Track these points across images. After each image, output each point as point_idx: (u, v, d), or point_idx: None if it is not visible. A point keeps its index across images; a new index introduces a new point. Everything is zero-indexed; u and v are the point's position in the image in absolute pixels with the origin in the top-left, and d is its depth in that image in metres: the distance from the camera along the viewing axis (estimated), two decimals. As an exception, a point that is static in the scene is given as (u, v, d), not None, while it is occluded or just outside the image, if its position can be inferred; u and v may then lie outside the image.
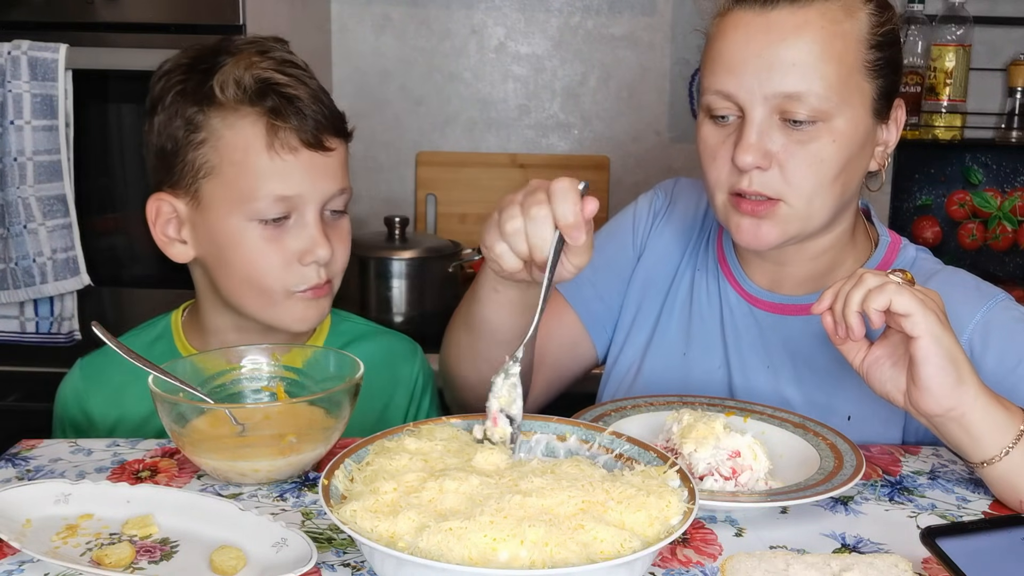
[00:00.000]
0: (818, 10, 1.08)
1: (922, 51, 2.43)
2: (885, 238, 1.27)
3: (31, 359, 1.95)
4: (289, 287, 1.18)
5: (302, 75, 1.18)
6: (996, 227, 2.54)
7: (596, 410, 1.12)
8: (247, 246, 1.16)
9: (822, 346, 1.22)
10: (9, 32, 1.83)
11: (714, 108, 1.12)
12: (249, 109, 1.14)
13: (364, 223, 2.57)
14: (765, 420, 1.10)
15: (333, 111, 1.20)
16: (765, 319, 1.25)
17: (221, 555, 0.82)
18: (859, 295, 0.96)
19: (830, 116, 1.08)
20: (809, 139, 1.09)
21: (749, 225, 1.13)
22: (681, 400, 1.16)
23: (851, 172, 1.13)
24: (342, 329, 1.34)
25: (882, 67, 1.12)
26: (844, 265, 1.24)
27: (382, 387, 1.31)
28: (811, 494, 0.91)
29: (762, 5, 1.09)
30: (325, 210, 1.19)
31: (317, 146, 1.16)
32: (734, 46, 1.10)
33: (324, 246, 1.17)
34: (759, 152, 1.09)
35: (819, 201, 1.12)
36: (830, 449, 1.02)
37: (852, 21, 1.09)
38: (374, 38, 2.55)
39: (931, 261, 1.26)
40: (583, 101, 2.58)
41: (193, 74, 1.16)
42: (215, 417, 0.98)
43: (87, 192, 1.92)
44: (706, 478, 0.96)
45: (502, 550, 0.72)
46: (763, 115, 1.09)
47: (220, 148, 1.14)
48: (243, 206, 1.14)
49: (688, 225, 1.36)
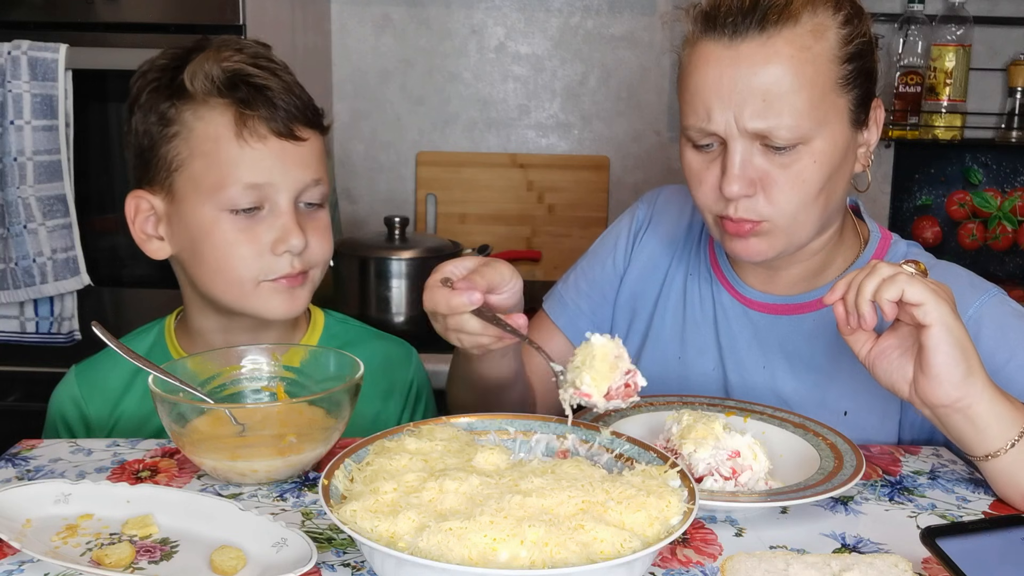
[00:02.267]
0: (786, 39, 1.07)
1: (922, 51, 2.43)
2: (876, 234, 1.28)
3: (31, 359, 1.95)
4: (261, 277, 1.16)
5: (276, 68, 1.18)
6: (996, 227, 2.54)
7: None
8: (219, 237, 1.15)
9: (817, 343, 1.23)
10: (9, 32, 1.82)
11: (695, 140, 1.14)
12: (218, 100, 1.14)
13: (364, 223, 2.57)
14: (765, 420, 1.10)
15: (307, 103, 1.19)
16: (760, 319, 1.26)
17: (221, 555, 0.82)
18: (872, 285, 0.96)
19: (809, 139, 1.09)
20: (791, 162, 1.10)
21: (740, 245, 1.16)
22: (681, 400, 1.16)
23: (835, 183, 1.14)
24: (335, 332, 1.33)
25: (855, 78, 1.12)
26: (835, 263, 1.25)
27: (376, 392, 1.30)
28: (811, 494, 0.91)
29: (730, 38, 1.08)
30: (300, 202, 1.18)
31: (288, 135, 1.15)
32: (707, 82, 1.10)
33: (297, 235, 1.16)
34: (744, 181, 1.10)
35: (803, 217, 1.13)
36: (830, 449, 1.02)
37: (821, 43, 1.09)
38: (374, 38, 2.55)
39: (923, 256, 1.26)
40: (583, 101, 2.58)
41: (167, 72, 1.17)
42: (215, 417, 0.98)
43: (87, 192, 1.92)
44: (706, 478, 0.96)
45: (502, 550, 0.72)
46: (744, 145, 1.10)
47: (191, 140, 1.15)
48: (214, 196, 1.14)
49: (675, 232, 1.37)
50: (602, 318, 1.39)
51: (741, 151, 1.09)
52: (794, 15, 1.08)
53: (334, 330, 1.34)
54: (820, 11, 1.09)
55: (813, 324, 1.24)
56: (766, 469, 0.97)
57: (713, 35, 1.10)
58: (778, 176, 1.10)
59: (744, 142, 1.09)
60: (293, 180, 1.16)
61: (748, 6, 1.08)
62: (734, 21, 1.08)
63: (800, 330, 1.24)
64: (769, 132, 1.08)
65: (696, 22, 1.12)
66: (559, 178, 2.58)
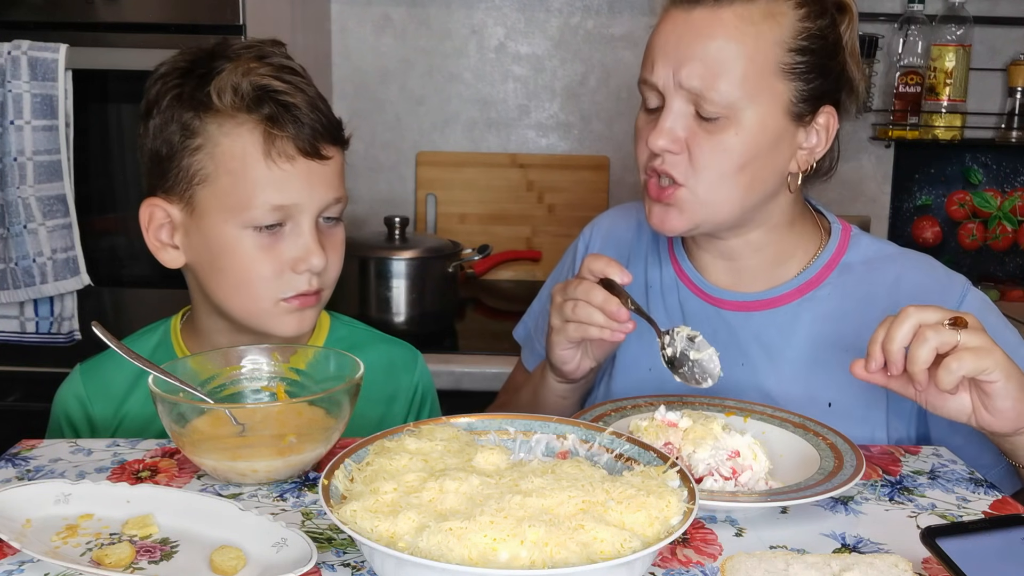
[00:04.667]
0: (735, 11, 1.14)
1: (922, 51, 2.43)
2: (836, 226, 1.30)
3: (31, 359, 1.95)
4: (280, 295, 1.17)
5: (299, 81, 1.17)
6: (996, 227, 2.54)
7: (596, 410, 1.12)
8: (241, 254, 1.15)
9: (792, 337, 1.25)
10: (9, 32, 1.82)
11: (645, 99, 1.20)
12: (246, 116, 1.13)
13: (364, 223, 2.57)
14: (765, 420, 1.10)
15: (330, 118, 1.18)
16: (732, 317, 1.27)
17: (221, 555, 0.82)
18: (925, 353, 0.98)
19: (736, 111, 1.14)
20: (716, 130, 1.15)
21: (658, 211, 1.20)
22: (681, 400, 1.16)
23: (760, 168, 1.17)
24: (341, 335, 1.33)
25: (803, 71, 1.15)
26: (794, 256, 1.28)
27: (380, 396, 1.30)
28: (811, 494, 0.91)
29: (689, 4, 1.16)
30: (320, 218, 1.18)
31: (314, 154, 1.15)
32: (659, 39, 1.18)
33: (319, 255, 1.16)
34: (670, 137, 1.16)
35: (724, 191, 1.17)
36: (830, 449, 1.02)
37: (770, 23, 1.14)
38: (374, 38, 2.55)
39: (888, 245, 1.30)
40: (583, 101, 2.58)
41: (190, 78, 1.15)
42: (215, 417, 0.98)
43: (87, 192, 1.92)
44: (706, 478, 0.95)
45: (502, 550, 0.72)
46: (679, 106, 1.16)
47: (216, 155, 1.13)
48: (239, 214, 1.13)
49: (626, 249, 1.39)
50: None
51: (675, 109, 1.16)
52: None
53: (340, 332, 1.34)
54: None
55: (785, 318, 1.25)
56: (766, 469, 0.97)
57: (678, 3, 1.18)
58: (702, 140, 1.15)
59: (679, 102, 1.15)
60: (318, 199, 1.16)
61: None
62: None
63: (774, 324, 1.25)
64: (700, 93, 1.13)
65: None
66: (559, 178, 2.58)
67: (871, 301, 1.23)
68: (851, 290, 1.25)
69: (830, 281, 1.26)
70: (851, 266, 1.27)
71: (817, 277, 1.26)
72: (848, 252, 1.27)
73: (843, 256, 1.27)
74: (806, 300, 1.25)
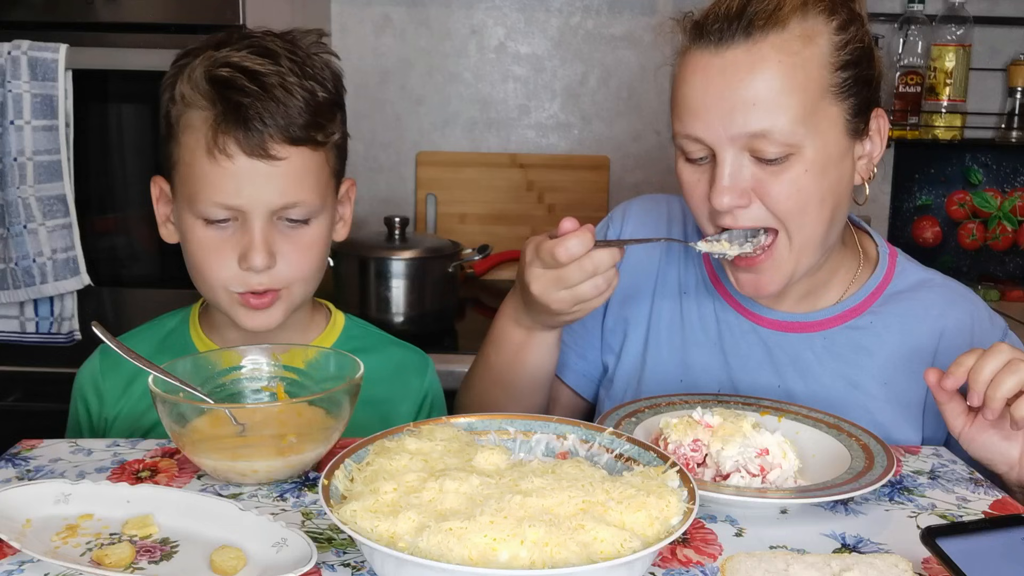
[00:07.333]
0: (772, 44, 1.05)
1: (922, 51, 2.43)
2: (884, 249, 1.26)
3: (31, 359, 1.95)
4: (230, 286, 1.16)
5: (269, 75, 1.12)
6: (996, 227, 2.54)
7: (630, 407, 1.11)
8: (195, 242, 1.16)
9: (829, 363, 1.22)
10: (9, 32, 1.82)
11: (687, 151, 1.12)
12: (198, 112, 1.13)
13: (364, 223, 2.57)
14: (800, 420, 1.09)
15: (294, 119, 1.12)
16: (770, 337, 1.24)
17: (221, 555, 0.82)
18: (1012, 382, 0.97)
19: (800, 147, 1.07)
20: (783, 171, 1.08)
21: (749, 280, 1.14)
22: (716, 399, 1.15)
23: (837, 194, 1.12)
24: (353, 334, 1.32)
25: (851, 86, 1.09)
26: (836, 275, 1.24)
27: (387, 400, 1.29)
28: (824, 495, 0.91)
29: (716, 45, 1.07)
30: (279, 218, 1.15)
31: (260, 155, 1.11)
32: (694, 91, 1.09)
33: (262, 255, 1.13)
34: (734, 192, 1.08)
35: (814, 229, 1.11)
36: (863, 450, 1.01)
37: (812, 48, 1.06)
38: (374, 38, 2.55)
39: (933, 275, 1.26)
40: (583, 101, 2.58)
41: (190, 60, 1.16)
42: (215, 417, 0.98)
43: (87, 192, 1.92)
44: (733, 475, 0.95)
45: (502, 550, 0.72)
46: (733, 155, 1.08)
47: (180, 144, 1.16)
48: (191, 206, 1.15)
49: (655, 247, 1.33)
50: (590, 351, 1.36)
51: (730, 161, 1.07)
52: (781, 20, 1.06)
53: (352, 332, 1.33)
54: (811, 16, 1.07)
55: (823, 343, 1.22)
56: (795, 467, 0.97)
57: (701, 44, 1.09)
58: (771, 184, 1.08)
59: (733, 151, 1.07)
60: (263, 203, 1.12)
61: (734, 13, 1.06)
62: (720, 28, 1.06)
63: (812, 348, 1.22)
64: (759, 135, 1.05)
65: (686, 32, 1.11)
66: (559, 178, 2.58)
67: (912, 334, 1.21)
68: (892, 321, 1.22)
69: (873, 310, 1.22)
70: (895, 296, 1.23)
71: (861, 305, 1.22)
72: (894, 281, 1.24)
73: (888, 285, 1.23)
74: (847, 328, 1.22)
